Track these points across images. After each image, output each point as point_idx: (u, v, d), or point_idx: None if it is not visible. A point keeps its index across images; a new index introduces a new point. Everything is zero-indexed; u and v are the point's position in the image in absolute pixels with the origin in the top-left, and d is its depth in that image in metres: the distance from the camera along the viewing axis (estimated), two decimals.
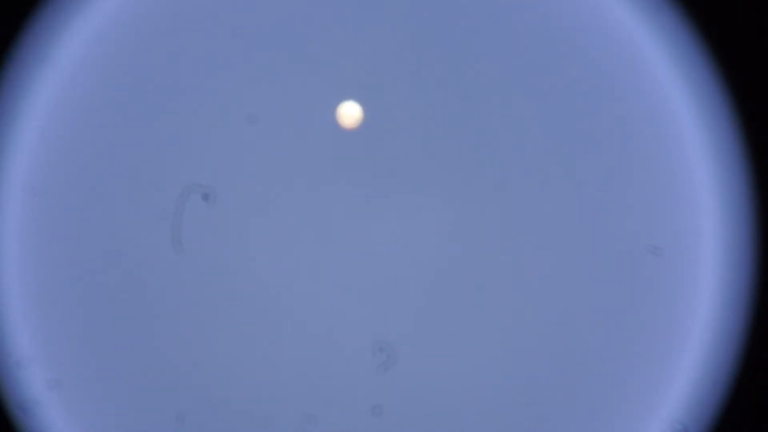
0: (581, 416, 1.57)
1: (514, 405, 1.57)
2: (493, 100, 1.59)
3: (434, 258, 1.58)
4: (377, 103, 1.59)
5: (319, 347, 1.58)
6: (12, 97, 1.59)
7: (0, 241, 1.58)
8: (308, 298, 1.58)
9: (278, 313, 1.58)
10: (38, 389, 1.57)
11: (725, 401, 1.59)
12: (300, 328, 1.58)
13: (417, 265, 1.59)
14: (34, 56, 1.59)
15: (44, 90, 1.59)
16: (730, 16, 1.60)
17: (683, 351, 1.58)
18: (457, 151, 1.59)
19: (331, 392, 1.57)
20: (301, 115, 1.59)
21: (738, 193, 1.60)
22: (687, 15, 1.60)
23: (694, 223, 1.59)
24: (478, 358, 1.57)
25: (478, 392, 1.57)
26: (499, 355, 1.57)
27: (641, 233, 1.58)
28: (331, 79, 1.59)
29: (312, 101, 1.59)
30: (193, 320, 1.57)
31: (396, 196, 1.59)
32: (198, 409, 1.57)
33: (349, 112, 1.49)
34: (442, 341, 1.57)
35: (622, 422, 1.57)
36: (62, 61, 1.59)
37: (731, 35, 1.60)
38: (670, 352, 1.58)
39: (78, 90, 1.59)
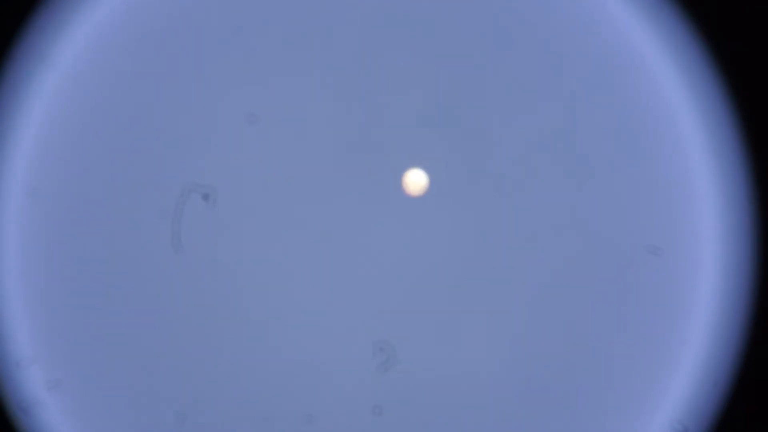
0: (581, 416, 1.57)
1: (514, 405, 1.57)
2: (491, 100, 1.59)
3: (434, 258, 1.58)
4: (378, 102, 1.59)
5: (319, 347, 1.58)
6: (12, 97, 1.59)
7: (0, 241, 1.58)
8: (308, 298, 1.58)
9: (278, 312, 1.58)
10: (38, 389, 1.57)
11: (725, 401, 1.59)
12: (300, 328, 1.58)
13: (417, 265, 1.59)
14: (34, 56, 1.59)
15: (44, 90, 1.59)
16: (730, 16, 1.60)
17: (683, 351, 1.58)
18: (455, 151, 1.59)
19: (331, 392, 1.57)
20: (302, 114, 1.59)
21: (738, 192, 1.60)
22: (687, 14, 1.60)
23: (694, 223, 1.59)
24: (478, 358, 1.57)
25: (478, 392, 1.57)
26: (499, 355, 1.57)
27: (641, 233, 1.58)
28: (331, 79, 1.59)
29: (312, 101, 1.59)
30: (193, 320, 1.57)
31: (397, 195, 1.59)
32: (198, 409, 1.57)
33: (416, 180, 1.49)
34: (443, 341, 1.57)
35: (622, 422, 1.57)
36: (62, 61, 1.59)
37: (731, 35, 1.60)
38: (670, 352, 1.58)
39: (78, 90, 1.59)
